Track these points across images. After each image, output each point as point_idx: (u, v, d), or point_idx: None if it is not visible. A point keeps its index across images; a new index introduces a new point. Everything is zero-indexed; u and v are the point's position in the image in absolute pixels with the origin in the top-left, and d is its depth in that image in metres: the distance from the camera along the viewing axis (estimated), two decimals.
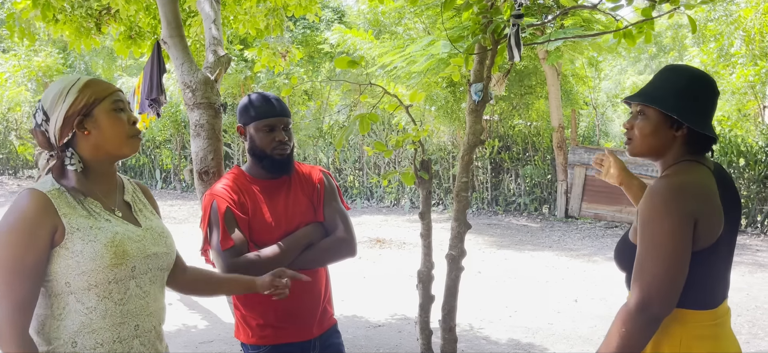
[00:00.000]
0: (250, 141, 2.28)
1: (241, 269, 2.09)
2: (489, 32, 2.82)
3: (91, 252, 1.56)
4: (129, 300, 1.64)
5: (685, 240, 1.64)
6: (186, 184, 17.15)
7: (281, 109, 2.29)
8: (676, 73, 1.83)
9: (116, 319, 1.62)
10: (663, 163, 1.84)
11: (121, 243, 1.61)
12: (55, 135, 1.62)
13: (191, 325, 5.66)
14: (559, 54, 10.56)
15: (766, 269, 8.00)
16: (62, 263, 1.56)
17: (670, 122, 1.78)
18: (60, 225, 1.55)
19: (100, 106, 1.64)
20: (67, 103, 1.61)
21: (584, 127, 19.13)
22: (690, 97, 1.77)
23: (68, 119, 1.61)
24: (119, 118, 1.67)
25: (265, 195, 2.26)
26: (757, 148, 10.94)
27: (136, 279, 1.66)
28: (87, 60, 21.48)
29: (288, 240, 2.20)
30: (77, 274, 1.56)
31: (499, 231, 11.32)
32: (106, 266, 1.58)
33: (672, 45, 25.01)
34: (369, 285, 7.20)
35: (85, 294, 1.58)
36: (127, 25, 5.90)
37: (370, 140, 14.85)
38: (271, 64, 6.73)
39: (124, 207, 1.73)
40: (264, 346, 2.26)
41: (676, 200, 1.66)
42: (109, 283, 1.60)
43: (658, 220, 1.65)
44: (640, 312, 1.65)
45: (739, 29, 12.87)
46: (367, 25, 15.02)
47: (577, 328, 5.53)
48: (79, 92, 1.62)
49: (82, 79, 1.66)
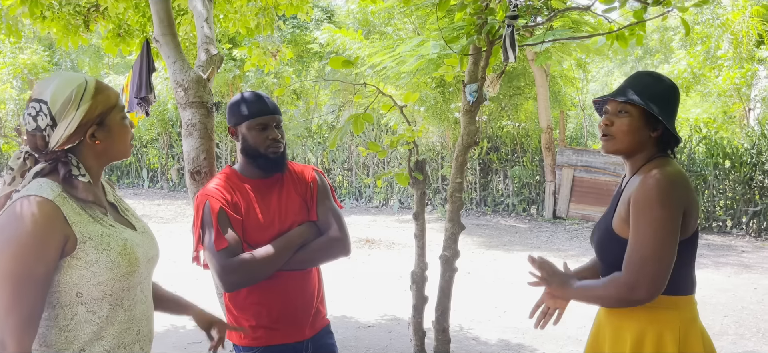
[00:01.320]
0: (243, 140, 2.25)
1: (236, 269, 2.08)
2: (484, 33, 2.82)
3: (107, 262, 1.50)
4: (136, 305, 1.61)
5: (676, 230, 1.76)
6: (173, 184, 17.05)
7: (273, 107, 2.28)
8: (653, 78, 1.95)
9: (124, 326, 1.58)
10: (633, 161, 1.94)
11: (131, 250, 1.57)
12: (58, 140, 1.51)
13: (180, 326, 5.62)
14: (547, 55, 10.60)
15: (751, 270, 8.08)
16: (75, 274, 1.48)
17: (649, 122, 1.89)
18: (71, 234, 1.47)
19: (111, 115, 1.57)
20: (82, 110, 1.51)
21: (572, 129, 19.24)
22: (665, 100, 1.91)
23: (81, 128, 1.52)
24: (126, 127, 1.62)
25: (257, 195, 2.25)
26: (742, 150, 11.05)
27: (141, 284, 1.63)
28: (73, 58, 21.27)
29: (282, 240, 2.18)
30: (92, 284, 1.50)
31: (488, 232, 11.36)
32: (122, 275, 1.53)
33: (658, 47, 25.19)
34: (358, 285, 7.19)
35: (98, 304, 1.52)
36: (116, 22, 5.84)
37: (360, 141, 14.84)
38: (261, 63, 6.70)
39: (111, 209, 1.66)
40: (256, 348, 2.24)
41: (670, 191, 1.77)
42: (122, 291, 1.56)
43: (655, 209, 1.75)
44: (628, 292, 1.77)
45: (726, 32, 12.99)
46: (356, 24, 15.00)
47: (566, 328, 5.55)
48: (93, 99, 1.53)
49: (91, 82, 1.56)
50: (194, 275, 6.77)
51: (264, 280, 2.16)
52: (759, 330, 5.59)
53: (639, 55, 27.84)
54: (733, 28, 12.73)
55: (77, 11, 5.50)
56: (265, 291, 2.20)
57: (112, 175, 18.20)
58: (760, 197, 10.80)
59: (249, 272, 2.09)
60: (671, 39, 20.77)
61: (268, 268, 2.13)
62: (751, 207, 10.86)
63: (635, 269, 1.75)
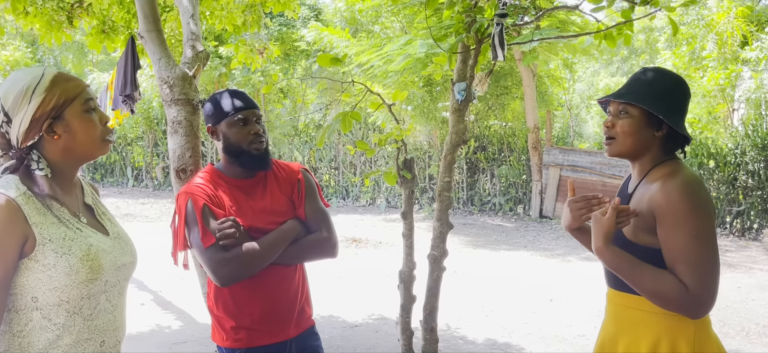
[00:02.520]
0: (225, 139, 2.20)
1: (228, 262, 2.03)
2: (473, 31, 2.81)
3: (65, 267, 1.41)
4: (98, 315, 1.50)
5: (715, 233, 1.73)
6: (158, 182, 16.91)
7: (251, 101, 2.24)
8: (657, 74, 1.86)
9: (83, 335, 1.48)
10: (640, 163, 1.86)
11: (96, 256, 1.47)
12: (17, 138, 1.45)
13: (165, 326, 5.57)
14: (534, 55, 10.64)
15: (735, 269, 8.15)
16: (31, 277, 1.40)
17: (652, 122, 1.81)
18: (31, 234, 1.39)
19: (70, 107, 1.48)
20: (34, 104, 1.43)
21: (558, 128, 19.34)
22: (670, 97, 1.82)
23: (35, 122, 1.44)
24: (91, 120, 1.51)
25: (242, 195, 2.20)
26: (726, 150, 11.15)
27: (106, 293, 1.53)
28: (57, 54, 21.04)
29: (274, 234, 2.14)
30: (48, 289, 1.41)
31: (475, 231, 11.37)
32: (81, 281, 1.44)
33: (644, 48, 25.40)
34: (345, 284, 7.16)
35: (54, 310, 1.43)
36: (100, 19, 5.78)
37: (347, 139, 14.81)
38: (248, 61, 6.66)
39: (86, 211, 1.58)
40: (238, 349, 2.20)
41: (701, 194, 1.72)
42: (81, 299, 1.46)
43: (695, 216, 1.69)
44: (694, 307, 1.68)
45: (711, 33, 13.10)
46: (343, 23, 14.96)
47: (553, 328, 5.57)
48: (46, 92, 1.44)
49: (47, 74, 1.48)
50: (179, 275, 6.71)
51: (246, 281, 2.12)
52: (743, 329, 5.64)
53: (625, 56, 28.06)
54: (718, 28, 12.84)
55: (61, 7, 5.42)
56: (246, 292, 2.16)
57: (96, 173, 18.00)
58: (744, 197, 10.90)
59: (242, 265, 2.05)
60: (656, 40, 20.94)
61: (262, 261, 2.09)
62: (735, 207, 10.96)
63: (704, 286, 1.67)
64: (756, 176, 10.72)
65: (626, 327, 1.84)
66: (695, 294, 1.67)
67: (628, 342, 1.83)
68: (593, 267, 7.51)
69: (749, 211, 10.82)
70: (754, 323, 5.83)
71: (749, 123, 11.30)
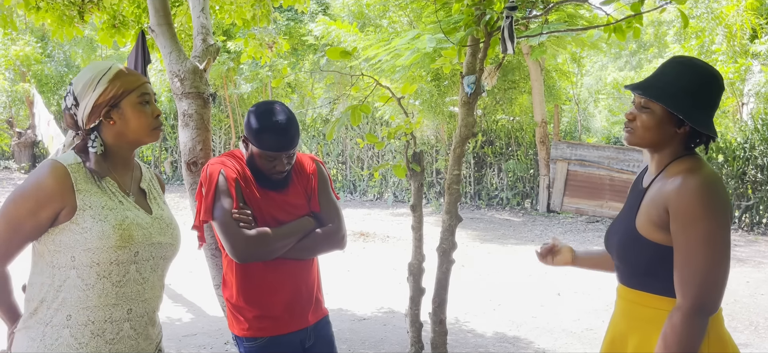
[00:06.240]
0: (251, 155, 2.23)
1: (254, 240, 2.09)
2: (482, 24, 2.82)
3: (99, 231, 1.62)
4: (126, 283, 1.69)
5: (728, 236, 1.68)
6: (167, 176, 16.98)
7: (288, 142, 2.19)
8: (685, 68, 1.79)
9: (111, 300, 1.67)
10: (660, 156, 1.83)
11: (128, 227, 1.67)
12: (82, 119, 1.70)
13: (176, 318, 5.61)
14: (543, 49, 10.59)
15: (744, 264, 8.13)
16: (71, 237, 1.62)
17: (674, 119, 1.76)
18: (72, 203, 1.62)
19: (127, 98, 1.71)
20: (97, 92, 1.68)
21: (566, 123, 19.28)
22: (696, 95, 1.75)
23: (96, 108, 1.68)
24: (144, 111, 1.73)
25: (268, 183, 2.26)
26: (735, 145, 11.10)
27: (137, 264, 1.70)
28: (66, 49, 21.13)
29: (294, 224, 2.22)
30: (83, 250, 1.62)
31: (482, 226, 11.38)
32: (110, 247, 1.64)
33: (652, 41, 25.27)
34: (354, 278, 7.19)
35: (86, 270, 1.63)
36: (111, 13, 5.80)
37: (355, 134, 14.82)
38: (257, 55, 6.67)
39: (138, 193, 1.80)
40: (262, 338, 2.24)
41: (718, 196, 1.68)
42: (110, 264, 1.65)
43: (708, 218, 1.65)
44: (698, 315, 1.65)
45: (720, 25, 13.02)
46: (351, 17, 14.95)
47: (561, 321, 5.58)
48: (109, 83, 1.69)
49: (113, 68, 1.72)
50: (187, 268, 6.77)
51: (269, 272, 2.19)
52: (752, 323, 5.64)
53: (633, 50, 27.93)
54: (727, 21, 12.75)
55: (72, 2, 5.45)
56: (271, 282, 2.22)
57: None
58: (753, 191, 10.86)
59: (266, 245, 2.11)
60: (665, 33, 20.81)
61: (282, 246, 2.15)
62: (744, 201, 10.91)
63: (704, 291, 1.64)
64: (765, 170, 10.67)
65: (637, 324, 1.82)
66: (693, 305, 1.64)
67: (639, 339, 1.80)
68: None
69: (758, 206, 10.77)
70: (762, 317, 5.82)
71: (758, 117, 11.23)
